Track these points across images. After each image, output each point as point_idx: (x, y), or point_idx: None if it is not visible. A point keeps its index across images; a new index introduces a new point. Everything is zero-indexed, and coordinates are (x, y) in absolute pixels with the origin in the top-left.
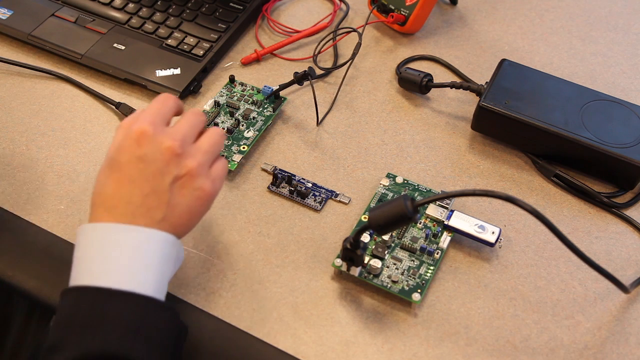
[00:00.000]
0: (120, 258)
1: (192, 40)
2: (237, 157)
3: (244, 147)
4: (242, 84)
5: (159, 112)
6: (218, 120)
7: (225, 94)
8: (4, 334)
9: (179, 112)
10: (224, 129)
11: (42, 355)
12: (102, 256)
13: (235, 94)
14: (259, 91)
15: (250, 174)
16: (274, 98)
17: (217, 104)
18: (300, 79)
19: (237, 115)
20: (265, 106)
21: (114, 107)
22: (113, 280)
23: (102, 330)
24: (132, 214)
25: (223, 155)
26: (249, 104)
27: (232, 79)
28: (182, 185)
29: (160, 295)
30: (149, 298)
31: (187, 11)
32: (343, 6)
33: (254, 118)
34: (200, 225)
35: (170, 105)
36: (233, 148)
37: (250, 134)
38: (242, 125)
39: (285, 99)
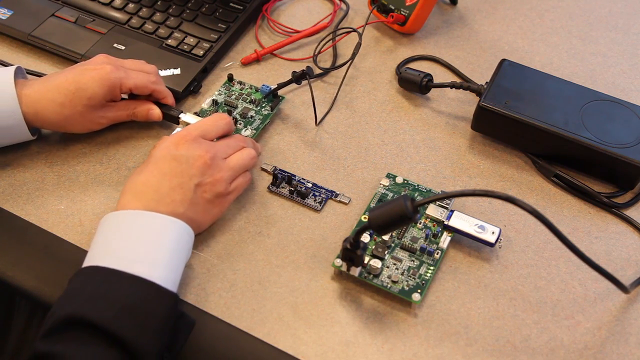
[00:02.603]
0: (134, 242)
1: (192, 40)
2: None
3: None
4: (240, 83)
5: (206, 126)
6: None
7: (223, 93)
8: (5, 334)
9: (228, 132)
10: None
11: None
12: (117, 239)
13: (233, 93)
14: (257, 90)
15: (250, 174)
16: (272, 97)
17: (215, 102)
18: (298, 78)
19: (235, 113)
20: (263, 105)
21: None
22: (121, 263)
23: (100, 305)
24: (157, 201)
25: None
26: (247, 103)
27: (230, 78)
28: (204, 190)
29: (169, 282)
30: (151, 283)
31: (187, 11)
32: (343, 6)
33: (251, 117)
34: None
35: (220, 124)
36: None
37: (247, 132)
38: (240, 124)
39: (283, 97)
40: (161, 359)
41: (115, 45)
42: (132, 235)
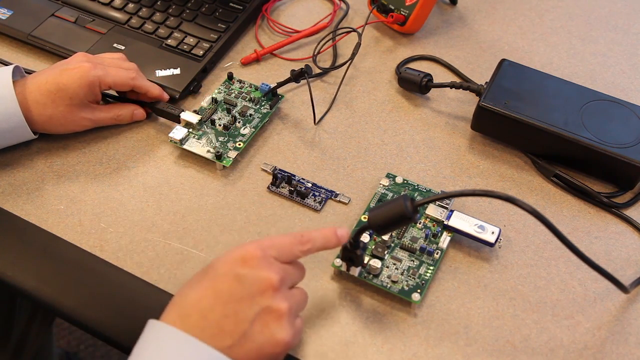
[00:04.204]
0: None
1: (192, 40)
2: (232, 154)
3: (239, 144)
4: (240, 81)
5: (280, 246)
6: (215, 117)
7: (223, 91)
8: (6, 334)
9: (297, 257)
10: (220, 125)
11: None
12: None
13: (233, 91)
14: (256, 88)
15: (250, 174)
16: (272, 95)
17: (214, 100)
18: (297, 76)
19: (234, 112)
20: (263, 103)
21: None
22: None
23: None
24: (201, 329)
25: None
26: (246, 101)
27: (230, 76)
28: (266, 323)
29: None
30: None
31: (187, 11)
32: (343, 6)
33: (250, 115)
34: (200, 226)
35: (295, 250)
36: (229, 144)
37: (246, 130)
38: (239, 122)
39: (282, 96)
40: None
41: (115, 45)
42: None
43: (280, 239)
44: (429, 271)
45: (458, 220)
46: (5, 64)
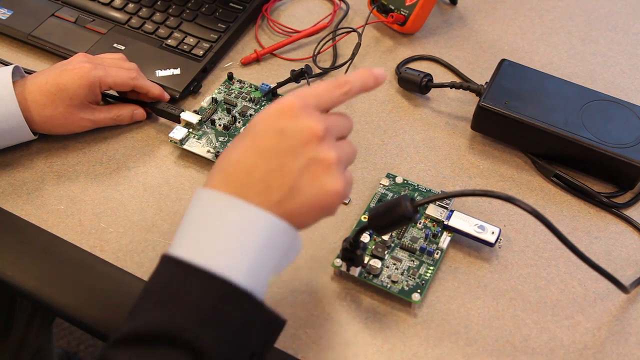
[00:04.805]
0: (218, 234)
1: (192, 40)
2: None
3: None
4: (240, 81)
5: (319, 94)
6: (215, 117)
7: (223, 91)
8: (6, 333)
9: (339, 102)
10: (220, 125)
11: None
12: (200, 228)
13: (233, 91)
14: (256, 89)
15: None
16: (272, 96)
17: (214, 100)
18: (297, 76)
19: (234, 112)
20: (263, 104)
21: None
22: (201, 257)
23: (173, 307)
24: (247, 187)
25: None
26: (246, 101)
27: (230, 76)
28: (314, 174)
29: (253, 283)
30: (230, 284)
31: (187, 11)
32: (343, 6)
33: (250, 115)
34: None
35: (335, 94)
36: (229, 145)
37: None
38: (239, 122)
39: (282, 96)
40: None
41: (115, 45)
42: (216, 226)
43: (316, 86)
44: (429, 271)
45: (458, 220)
46: (5, 64)
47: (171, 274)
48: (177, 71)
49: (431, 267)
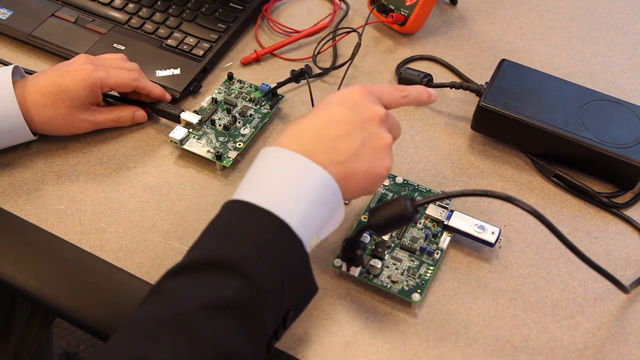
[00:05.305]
0: (278, 183)
1: (192, 40)
2: (232, 154)
3: (239, 144)
4: (240, 82)
5: (382, 90)
6: (215, 117)
7: (223, 91)
8: (6, 334)
9: (396, 103)
10: (220, 125)
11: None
12: (262, 178)
13: (233, 91)
14: (256, 89)
15: None
16: (272, 96)
17: (214, 100)
18: (297, 76)
19: (234, 112)
20: (263, 104)
21: None
22: (262, 200)
23: (232, 239)
24: (317, 144)
25: None
26: (246, 101)
27: (230, 76)
28: (373, 147)
29: (304, 234)
30: (287, 225)
31: (187, 11)
32: (343, 6)
33: (250, 115)
34: (200, 226)
35: (396, 95)
36: (229, 145)
37: (246, 130)
38: (239, 122)
39: (282, 96)
40: (284, 318)
41: (115, 45)
42: (276, 176)
43: (381, 84)
44: (429, 271)
45: (458, 221)
46: (5, 64)
47: (233, 212)
48: (177, 71)
49: (431, 267)
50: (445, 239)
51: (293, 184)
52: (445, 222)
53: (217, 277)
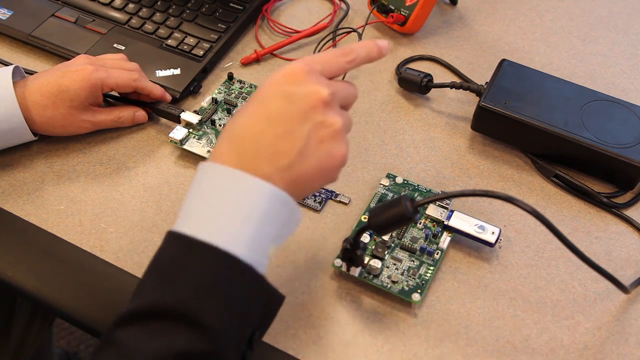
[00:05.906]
0: (218, 208)
1: (192, 40)
2: None
3: None
4: (240, 82)
5: (325, 60)
6: (215, 117)
7: (223, 91)
8: (6, 334)
9: (344, 70)
10: (220, 125)
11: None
12: (202, 203)
13: (233, 91)
14: (257, 89)
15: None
16: None
17: (214, 100)
18: None
19: (234, 112)
20: None
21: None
22: (203, 231)
23: (176, 283)
24: (256, 153)
25: None
26: (246, 102)
27: (230, 77)
28: (321, 138)
29: (254, 256)
30: (231, 257)
31: (187, 11)
32: (343, 6)
33: None
34: None
35: (341, 62)
36: None
37: None
38: None
39: None
40: (250, 340)
41: (115, 45)
42: (216, 200)
43: (322, 54)
44: (429, 271)
45: (458, 221)
46: (5, 64)
47: (174, 250)
48: (177, 71)
49: (431, 267)
50: (445, 239)
51: (235, 206)
52: (446, 222)
53: (168, 327)
